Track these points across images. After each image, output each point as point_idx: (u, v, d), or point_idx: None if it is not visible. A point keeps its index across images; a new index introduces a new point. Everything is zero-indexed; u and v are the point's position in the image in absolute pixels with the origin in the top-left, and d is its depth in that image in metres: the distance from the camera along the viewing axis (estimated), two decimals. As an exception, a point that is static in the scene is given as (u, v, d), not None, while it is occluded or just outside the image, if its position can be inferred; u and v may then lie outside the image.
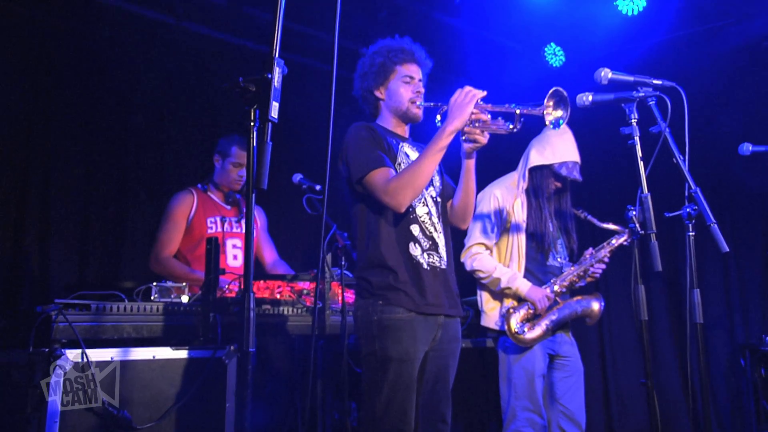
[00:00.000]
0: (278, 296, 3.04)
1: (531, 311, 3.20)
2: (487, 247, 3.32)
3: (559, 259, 3.39)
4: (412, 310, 2.44)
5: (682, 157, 2.21)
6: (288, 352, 4.27)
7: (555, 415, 3.26)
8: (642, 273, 5.17)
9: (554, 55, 5.20)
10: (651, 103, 2.25)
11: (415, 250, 2.51)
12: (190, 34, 4.54)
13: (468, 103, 2.38)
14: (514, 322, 3.18)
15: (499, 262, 3.31)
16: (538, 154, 3.30)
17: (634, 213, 2.22)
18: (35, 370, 2.20)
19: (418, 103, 2.65)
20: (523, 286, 3.20)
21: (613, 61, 2.77)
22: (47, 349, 2.21)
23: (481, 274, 3.28)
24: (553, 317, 3.21)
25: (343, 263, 3.14)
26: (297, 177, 3.46)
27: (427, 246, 2.54)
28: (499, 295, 3.30)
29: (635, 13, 4.74)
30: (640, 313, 2.18)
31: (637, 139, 2.19)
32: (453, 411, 2.62)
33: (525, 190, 3.34)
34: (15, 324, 2.54)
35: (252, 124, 1.34)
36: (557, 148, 3.26)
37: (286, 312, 3.00)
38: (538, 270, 3.31)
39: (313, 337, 1.59)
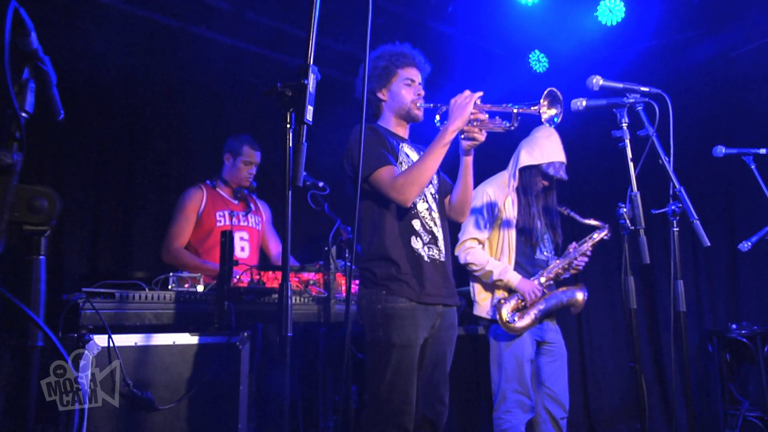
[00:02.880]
0: (286, 286, 3.06)
1: (521, 302, 3.25)
2: (480, 242, 3.37)
3: (545, 253, 3.44)
4: (414, 299, 2.47)
5: (667, 159, 2.27)
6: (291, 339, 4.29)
7: (541, 396, 3.32)
8: (621, 266, 5.25)
9: (538, 62, 5.26)
10: (639, 108, 2.31)
11: (416, 244, 2.55)
12: (195, 37, 4.55)
13: (468, 103, 2.42)
14: (505, 312, 3.23)
15: (491, 255, 3.35)
16: (527, 155, 3.35)
17: (624, 210, 2.27)
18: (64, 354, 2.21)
19: (418, 104, 2.68)
20: (514, 278, 3.25)
21: (594, 67, 2.83)
22: (76, 335, 2.23)
23: (474, 267, 3.33)
24: (541, 307, 3.26)
25: (346, 255, 3.17)
26: (299, 173, 3.47)
27: (428, 240, 2.58)
28: (490, 286, 3.35)
29: (614, 23, 4.82)
30: (629, 303, 2.23)
31: (627, 141, 2.24)
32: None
33: (515, 189, 3.39)
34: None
35: (288, 126, 1.37)
36: (545, 149, 3.31)
37: (294, 301, 3.02)
38: (526, 263, 3.37)
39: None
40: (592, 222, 3.37)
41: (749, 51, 4.84)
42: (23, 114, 0.92)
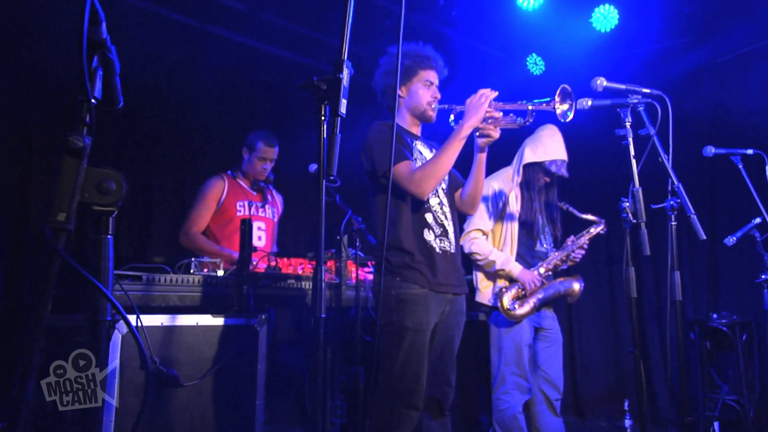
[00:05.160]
0: (301, 272, 3.06)
1: (521, 291, 3.24)
2: (484, 233, 3.35)
3: (545, 246, 3.43)
4: (426, 287, 2.47)
5: (666, 157, 2.26)
6: (297, 321, 4.29)
7: (537, 379, 3.32)
8: (611, 257, 5.26)
9: (535, 65, 5.26)
10: (641, 109, 2.30)
11: (428, 236, 2.54)
12: (213, 36, 4.52)
13: (483, 103, 2.41)
14: (506, 300, 3.22)
15: (494, 246, 3.35)
16: (531, 153, 3.33)
17: (627, 204, 2.26)
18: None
19: (433, 105, 2.65)
20: (515, 268, 3.24)
21: (588, 71, 2.83)
22: (106, 315, 2.21)
23: (478, 257, 3.32)
24: (540, 296, 3.25)
25: (357, 244, 3.15)
26: (313, 167, 3.44)
27: (439, 232, 2.57)
28: (492, 275, 3.35)
29: (608, 29, 4.82)
30: (630, 292, 2.23)
31: (630, 140, 2.23)
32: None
33: (519, 184, 3.37)
34: (68, 293, 2.53)
35: (323, 118, 1.35)
36: (548, 147, 3.30)
37: (307, 286, 3.01)
38: (527, 254, 3.36)
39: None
40: (589, 217, 3.35)
41: (734, 58, 4.85)
42: (93, 100, 0.91)
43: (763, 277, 3.60)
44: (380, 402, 2.45)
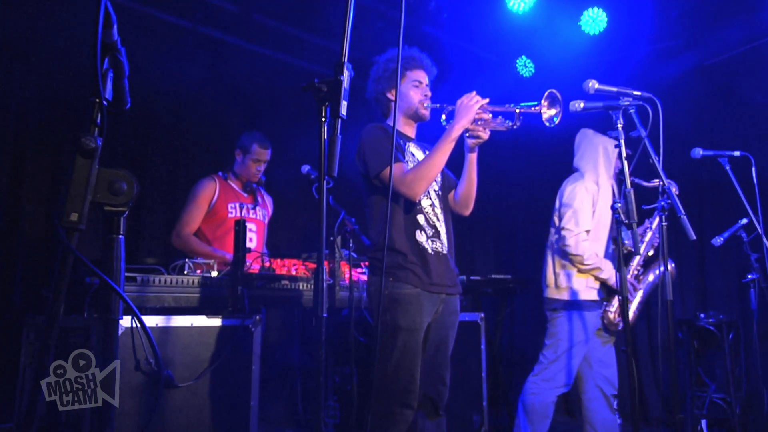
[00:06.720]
0: (294, 273, 3.07)
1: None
2: (587, 233, 3.26)
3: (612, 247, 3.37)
4: (419, 287, 2.48)
5: (657, 158, 2.30)
6: (289, 322, 4.29)
7: (593, 375, 3.27)
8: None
9: (525, 67, 5.29)
10: (631, 111, 2.33)
11: (420, 237, 2.55)
12: (205, 36, 4.51)
13: (473, 105, 2.43)
14: (614, 318, 3.19)
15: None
16: (611, 146, 3.27)
17: (619, 204, 2.29)
18: (91, 333, 2.20)
19: (425, 104, 2.68)
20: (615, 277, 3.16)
21: (578, 74, 2.86)
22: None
23: (587, 261, 3.17)
24: (639, 300, 3.23)
25: (351, 245, 3.16)
26: (305, 168, 3.45)
27: (431, 233, 2.59)
28: (574, 272, 3.26)
29: (597, 32, 4.87)
30: (623, 291, 2.25)
31: (622, 141, 2.26)
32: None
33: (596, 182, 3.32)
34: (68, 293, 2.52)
35: (323, 119, 1.37)
36: (604, 138, 3.27)
37: (301, 287, 3.03)
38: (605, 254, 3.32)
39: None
40: (657, 183, 2.91)
41: (722, 61, 4.91)
42: (104, 101, 0.92)
43: (749, 276, 3.65)
44: (375, 401, 2.46)
